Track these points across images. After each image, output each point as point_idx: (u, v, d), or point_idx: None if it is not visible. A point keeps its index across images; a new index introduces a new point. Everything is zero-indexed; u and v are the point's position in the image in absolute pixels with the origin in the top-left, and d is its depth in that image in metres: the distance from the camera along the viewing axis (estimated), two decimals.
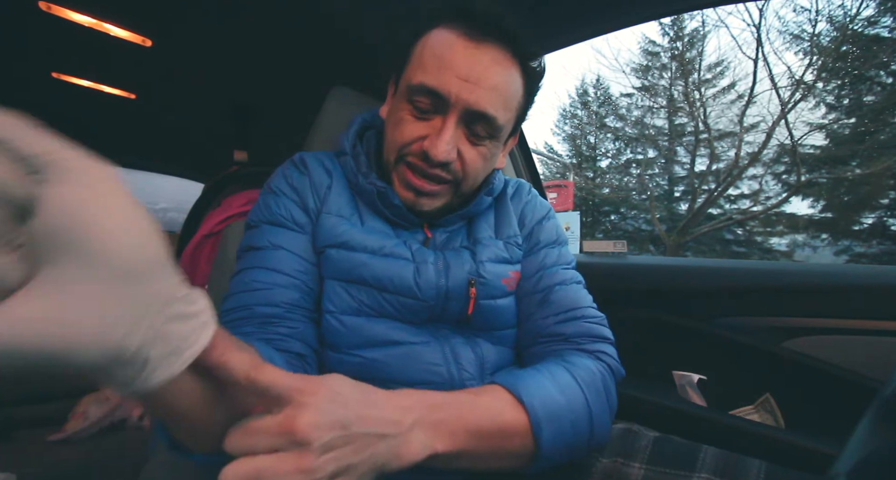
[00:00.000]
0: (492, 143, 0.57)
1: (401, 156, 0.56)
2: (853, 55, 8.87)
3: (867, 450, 0.35)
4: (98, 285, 0.21)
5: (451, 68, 0.51)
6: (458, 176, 0.56)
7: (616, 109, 14.23)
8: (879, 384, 0.46)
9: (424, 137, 0.54)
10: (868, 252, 9.02)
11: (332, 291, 0.55)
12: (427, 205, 0.57)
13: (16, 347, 0.19)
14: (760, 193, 10.83)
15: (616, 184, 14.09)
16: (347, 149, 0.61)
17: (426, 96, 0.52)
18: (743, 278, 0.96)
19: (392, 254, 0.56)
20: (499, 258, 0.61)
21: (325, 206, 0.58)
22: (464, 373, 0.55)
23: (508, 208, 0.67)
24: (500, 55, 0.53)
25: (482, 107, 0.52)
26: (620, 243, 1.24)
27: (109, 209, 0.21)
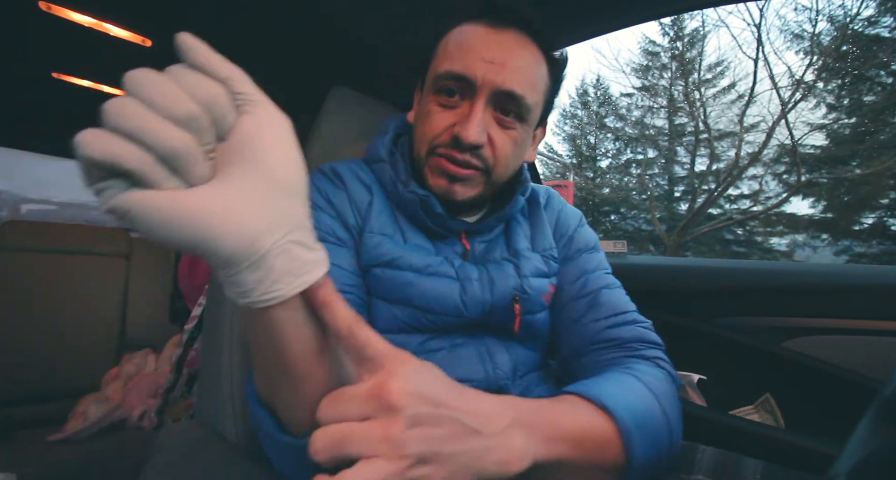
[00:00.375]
0: (521, 127, 0.56)
1: (432, 148, 0.55)
2: (853, 55, 8.87)
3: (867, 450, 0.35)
4: (260, 191, 0.27)
5: (475, 52, 0.52)
6: (489, 162, 0.55)
7: (616, 109, 14.24)
8: (879, 384, 0.46)
9: (453, 124, 0.53)
10: (868, 252, 9.02)
11: (377, 310, 0.54)
12: (461, 193, 0.56)
13: (180, 223, 0.24)
14: (760, 193, 10.83)
15: (616, 184, 14.09)
16: (384, 156, 0.60)
17: (452, 82, 0.53)
18: (743, 278, 0.96)
19: (437, 273, 0.55)
20: (539, 272, 0.60)
21: (367, 224, 0.56)
22: (499, 372, 0.55)
23: (543, 219, 0.66)
24: (523, 39, 0.53)
25: (509, 86, 0.52)
26: (620, 243, 1.25)
27: (282, 138, 0.29)
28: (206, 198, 0.25)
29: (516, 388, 0.56)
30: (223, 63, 0.27)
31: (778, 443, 0.74)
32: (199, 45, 0.27)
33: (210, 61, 0.27)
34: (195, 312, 1.15)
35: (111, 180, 0.24)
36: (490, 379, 0.54)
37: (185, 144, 0.25)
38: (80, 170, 0.23)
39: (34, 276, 1.41)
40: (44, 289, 1.41)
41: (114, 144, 0.23)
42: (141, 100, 0.24)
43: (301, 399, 0.34)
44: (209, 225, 0.25)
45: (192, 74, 0.26)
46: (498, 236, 0.63)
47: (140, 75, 0.24)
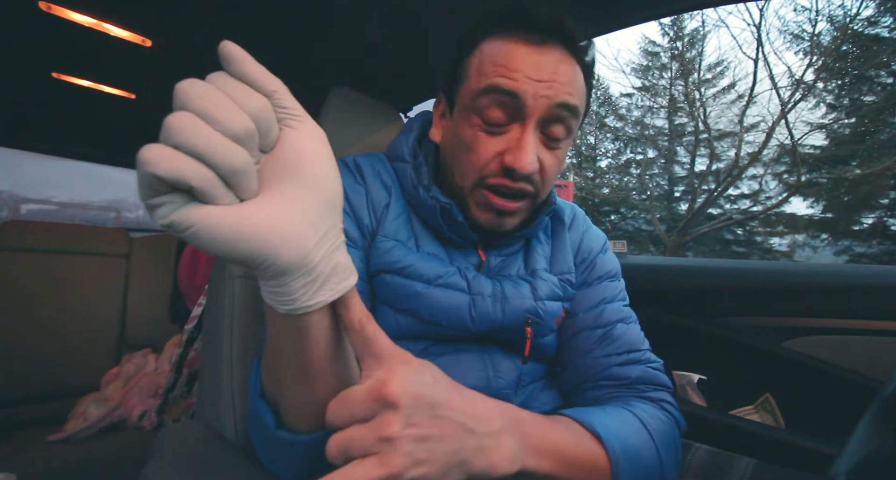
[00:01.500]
0: (566, 142, 0.53)
1: (481, 179, 0.51)
2: (853, 55, 8.86)
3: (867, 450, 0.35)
4: (309, 203, 0.28)
5: (521, 71, 0.48)
6: (539, 186, 0.52)
7: (616, 109, 14.23)
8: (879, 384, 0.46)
9: (503, 151, 0.50)
10: (868, 252, 9.02)
11: (382, 315, 0.53)
12: (509, 224, 0.54)
13: (244, 238, 0.25)
14: (760, 193, 10.83)
15: (616, 184, 14.09)
16: (407, 156, 0.58)
17: (500, 98, 0.48)
18: (743, 278, 0.96)
19: (448, 285, 0.53)
20: (554, 295, 0.58)
21: (381, 227, 0.54)
22: (500, 381, 0.54)
23: (565, 240, 0.64)
24: (563, 55, 0.50)
25: (564, 99, 0.49)
26: (620, 243, 1.24)
27: (324, 152, 0.30)
28: (266, 213, 0.26)
29: (518, 397, 0.55)
30: (270, 76, 0.28)
31: (778, 443, 0.74)
32: (245, 56, 0.26)
33: (258, 74, 0.27)
34: (195, 312, 1.15)
35: (171, 195, 0.24)
36: (491, 387, 0.53)
37: (245, 162, 0.25)
38: (140, 185, 0.24)
39: (34, 276, 1.41)
40: (44, 289, 1.41)
41: (181, 162, 0.23)
42: (197, 114, 0.24)
43: (310, 398, 0.35)
44: (270, 239, 0.26)
45: (239, 86, 0.26)
46: (517, 252, 0.61)
47: (194, 88, 0.24)
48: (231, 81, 0.26)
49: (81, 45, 1.13)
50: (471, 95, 0.50)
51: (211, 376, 0.62)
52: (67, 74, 1.30)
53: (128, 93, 1.45)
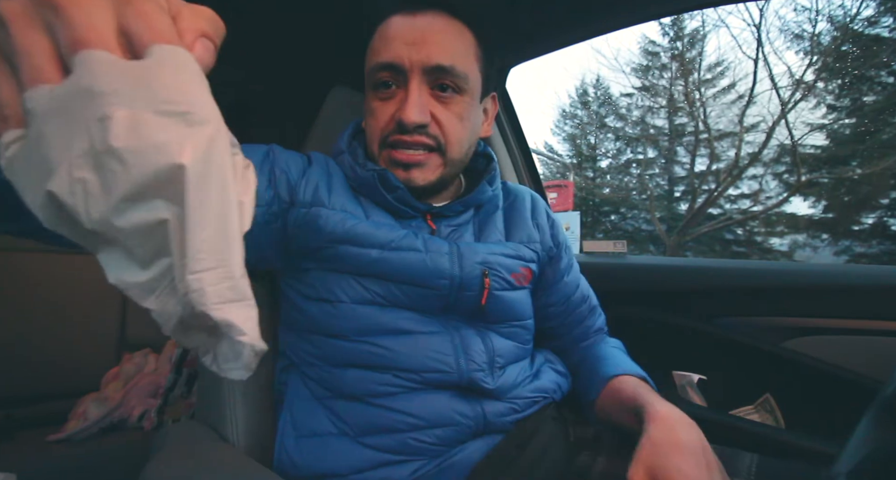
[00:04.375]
0: (463, 99, 0.57)
1: (382, 140, 0.58)
2: (853, 55, 8.87)
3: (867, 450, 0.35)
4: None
5: (397, 38, 0.55)
6: (440, 140, 0.57)
7: (616, 109, 14.23)
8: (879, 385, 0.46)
9: (395, 112, 0.56)
10: (868, 252, 9.02)
11: (345, 283, 0.55)
12: (420, 177, 0.58)
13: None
14: (760, 193, 10.83)
15: (616, 184, 14.09)
16: (343, 146, 0.63)
17: (384, 73, 0.55)
18: (743, 278, 0.96)
19: (402, 247, 0.55)
20: (510, 254, 0.62)
21: (326, 200, 0.57)
22: (472, 364, 0.55)
23: (526, 217, 0.69)
24: (440, 17, 0.56)
25: (436, 60, 0.54)
26: (620, 243, 1.24)
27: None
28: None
29: (494, 381, 0.56)
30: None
31: (778, 443, 0.74)
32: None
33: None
34: None
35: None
36: (462, 371, 0.54)
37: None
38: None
39: (34, 276, 1.41)
40: (44, 289, 1.41)
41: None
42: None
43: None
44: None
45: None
46: (466, 223, 0.64)
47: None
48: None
49: None
50: (367, 73, 0.59)
51: (211, 376, 0.62)
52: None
53: None
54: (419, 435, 0.51)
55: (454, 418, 0.53)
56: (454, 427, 0.53)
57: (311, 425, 0.54)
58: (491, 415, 0.55)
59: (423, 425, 0.52)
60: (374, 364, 0.53)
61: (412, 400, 0.52)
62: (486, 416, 0.55)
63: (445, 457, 0.52)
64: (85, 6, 0.17)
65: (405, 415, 0.52)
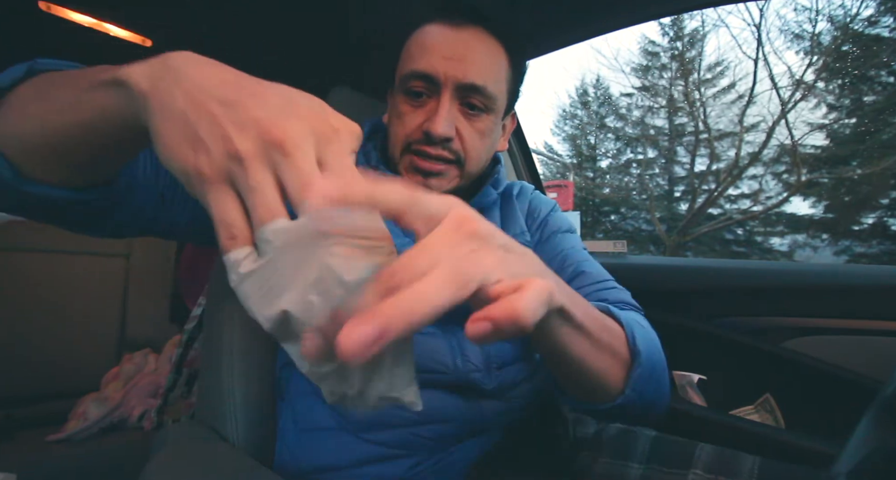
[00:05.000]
0: (488, 118, 0.58)
1: (406, 146, 0.58)
2: (853, 55, 8.87)
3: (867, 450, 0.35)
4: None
5: (436, 50, 0.55)
6: (461, 155, 0.58)
7: (616, 109, 14.23)
8: (879, 385, 0.46)
9: (424, 121, 0.56)
10: (868, 252, 9.02)
11: None
12: (437, 186, 0.58)
13: None
14: (760, 193, 10.83)
15: (616, 184, 14.09)
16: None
17: (418, 81, 0.56)
18: (743, 278, 0.96)
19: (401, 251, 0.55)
20: None
21: None
22: (469, 365, 0.55)
23: (514, 206, 0.69)
24: (480, 34, 0.56)
25: (471, 79, 0.55)
26: (620, 243, 1.24)
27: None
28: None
29: (492, 381, 0.56)
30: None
31: (778, 443, 0.74)
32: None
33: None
34: (195, 312, 1.15)
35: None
36: (459, 372, 0.54)
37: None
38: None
39: (34, 276, 1.41)
40: (43, 289, 1.41)
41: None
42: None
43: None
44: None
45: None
46: None
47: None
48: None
49: (81, 45, 1.13)
50: (400, 76, 0.58)
51: (211, 376, 0.62)
52: None
53: None
54: (418, 431, 0.52)
55: (453, 415, 0.53)
56: (453, 424, 0.53)
57: (312, 419, 0.55)
58: (490, 414, 0.55)
59: (421, 421, 0.52)
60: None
61: None
62: (484, 414, 0.55)
63: (444, 454, 0.52)
64: (307, 151, 0.22)
65: (404, 411, 0.52)
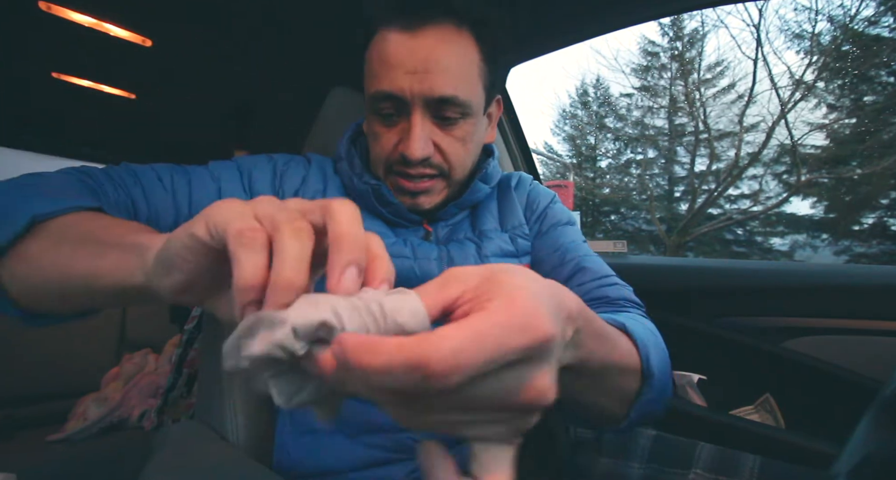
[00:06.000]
0: (466, 122, 0.55)
1: (387, 167, 0.57)
2: (853, 55, 8.86)
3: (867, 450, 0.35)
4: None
5: (397, 65, 0.50)
6: (444, 167, 0.56)
7: (616, 109, 14.23)
8: (879, 385, 0.46)
9: (399, 141, 0.54)
10: (868, 252, 9.01)
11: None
12: (427, 202, 0.57)
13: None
14: (760, 193, 10.83)
15: (616, 184, 14.08)
16: (343, 154, 0.61)
17: (386, 103, 0.52)
18: (743, 278, 0.96)
19: (391, 254, 0.54)
20: (504, 252, 0.61)
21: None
22: None
23: (513, 198, 0.66)
24: (441, 33, 0.50)
25: (439, 92, 0.50)
26: (620, 243, 1.24)
27: None
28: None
29: None
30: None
31: (778, 443, 0.74)
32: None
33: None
34: (195, 312, 1.15)
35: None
36: None
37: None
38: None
39: None
40: None
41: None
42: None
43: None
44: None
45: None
46: (463, 220, 0.64)
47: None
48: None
49: (81, 45, 1.13)
50: (368, 96, 0.55)
51: (211, 376, 0.62)
52: (67, 74, 1.30)
53: (128, 93, 1.45)
54: (414, 435, 0.51)
55: None
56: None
57: (308, 421, 0.54)
58: None
59: None
60: None
61: None
62: None
63: None
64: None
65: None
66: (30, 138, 1.82)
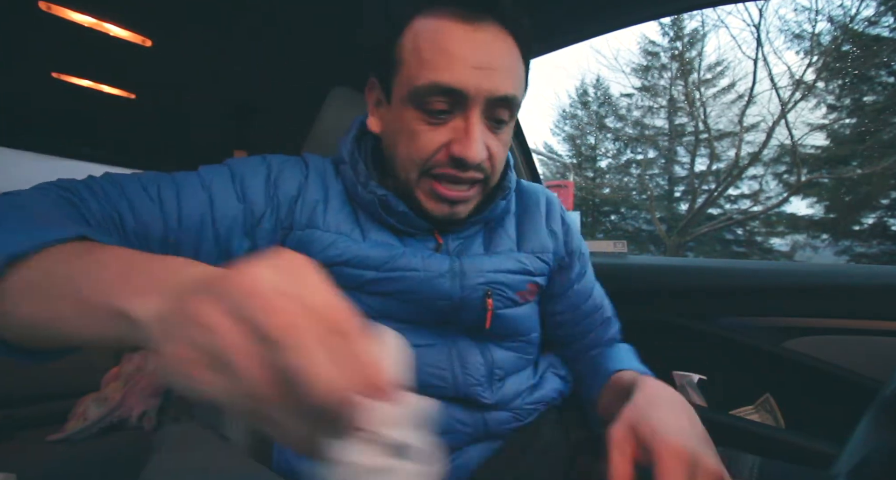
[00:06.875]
0: (509, 126, 0.53)
1: (424, 170, 0.50)
2: (853, 55, 8.87)
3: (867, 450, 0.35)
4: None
5: (461, 58, 0.46)
6: (488, 172, 0.52)
7: (616, 109, 14.23)
8: (879, 384, 0.46)
9: (448, 143, 0.48)
10: (868, 252, 9.02)
11: (345, 298, 0.51)
12: (463, 212, 0.53)
13: None
14: (760, 193, 10.83)
15: (616, 184, 14.09)
16: (346, 157, 0.56)
17: (441, 96, 0.47)
18: (743, 278, 0.96)
19: (399, 267, 0.52)
20: (518, 269, 0.57)
21: (315, 222, 0.53)
22: (469, 379, 0.53)
23: (538, 222, 0.62)
24: (498, 31, 0.48)
25: (503, 91, 0.47)
26: (620, 243, 1.24)
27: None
28: None
29: (493, 395, 0.54)
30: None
31: (778, 443, 0.74)
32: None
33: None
34: None
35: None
36: (459, 385, 0.53)
37: None
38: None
39: None
40: None
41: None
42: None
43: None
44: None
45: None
46: (476, 234, 0.59)
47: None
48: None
49: (81, 45, 1.13)
50: (410, 87, 0.48)
51: None
52: (67, 74, 1.30)
53: (128, 93, 1.45)
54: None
55: (453, 426, 0.53)
56: (452, 435, 0.53)
57: None
58: (492, 423, 0.54)
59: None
60: None
61: None
62: (486, 424, 0.54)
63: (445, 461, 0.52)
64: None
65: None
66: (30, 138, 1.82)
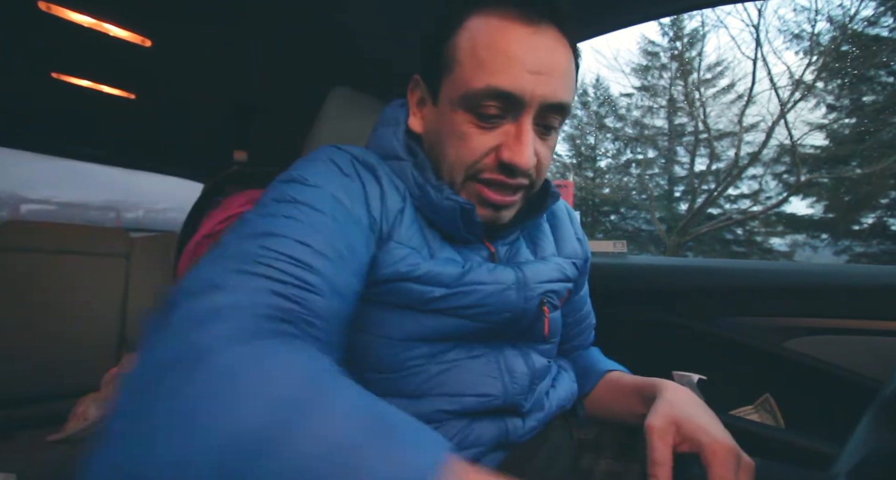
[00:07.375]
0: (557, 132, 0.52)
1: (470, 174, 0.50)
2: (853, 55, 8.86)
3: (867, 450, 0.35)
4: None
5: (519, 62, 0.44)
6: (534, 179, 0.52)
7: (616, 109, 14.23)
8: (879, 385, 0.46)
9: (497, 146, 0.48)
10: (868, 252, 9.01)
11: (396, 317, 0.49)
12: (507, 217, 0.54)
13: None
14: (760, 193, 10.83)
15: (616, 184, 14.08)
16: (402, 154, 0.53)
17: (495, 100, 0.46)
18: (743, 278, 0.96)
19: (468, 282, 0.50)
20: (563, 277, 0.59)
21: (395, 234, 0.50)
22: (515, 386, 0.53)
23: (568, 229, 0.67)
24: (557, 35, 0.47)
25: (559, 98, 0.47)
26: (620, 243, 1.24)
27: None
28: None
29: (529, 400, 0.54)
30: None
31: (778, 443, 0.74)
32: None
33: None
34: None
35: None
36: (508, 394, 0.52)
37: None
38: None
39: (34, 276, 1.41)
40: (43, 289, 1.41)
41: None
42: None
43: None
44: None
45: None
46: (518, 239, 0.61)
47: None
48: None
49: (81, 45, 1.13)
50: (465, 89, 0.46)
51: None
52: (67, 74, 1.30)
53: (128, 93, 1.45)
54: None
55: (473, 442, 0.52)
56: (473, 450, 0.51)
57: None
58: (513, 435, 0.54)
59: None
60: (419, 392, 0.49)
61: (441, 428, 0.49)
62: (508, 435, 0.53)
63: None
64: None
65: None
66: (30, 138, 1.81)
